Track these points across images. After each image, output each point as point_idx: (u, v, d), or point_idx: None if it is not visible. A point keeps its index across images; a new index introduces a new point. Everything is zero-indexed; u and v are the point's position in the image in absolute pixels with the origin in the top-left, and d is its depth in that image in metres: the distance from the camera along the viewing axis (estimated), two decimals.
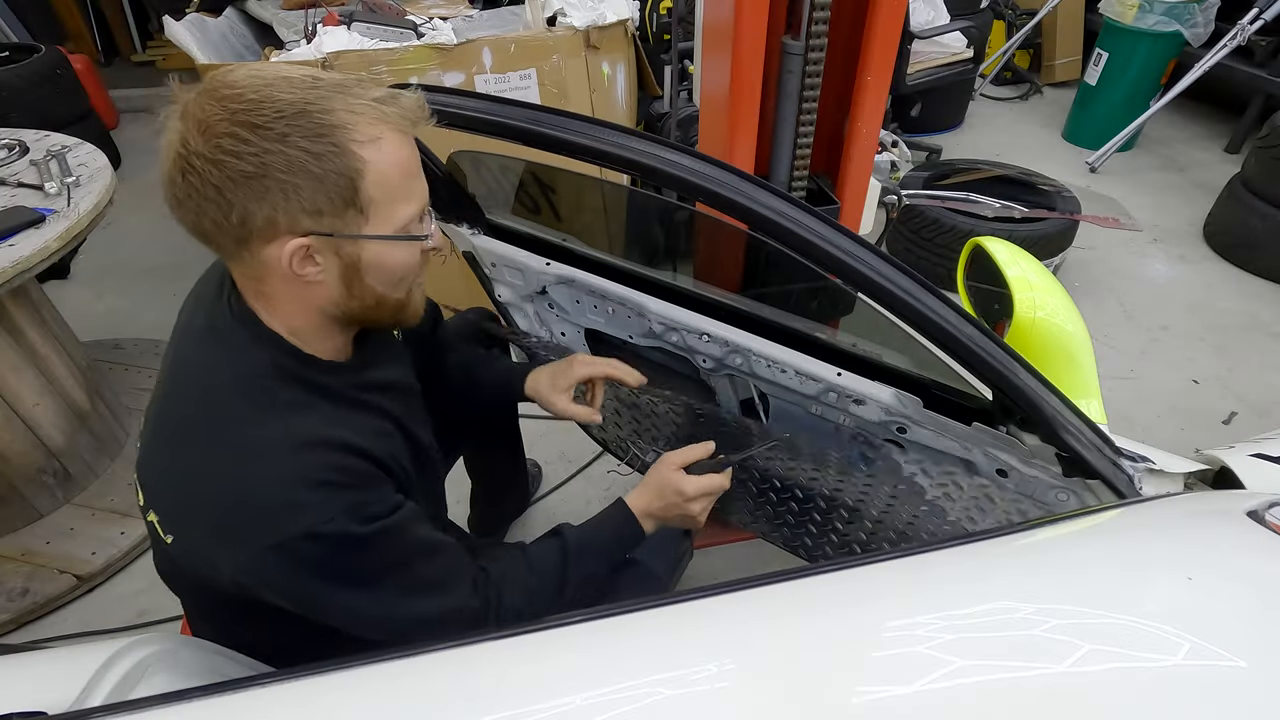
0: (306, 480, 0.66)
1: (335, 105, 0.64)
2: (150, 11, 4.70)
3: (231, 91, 0.62)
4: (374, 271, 0.71)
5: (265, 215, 0.64)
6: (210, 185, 0.62)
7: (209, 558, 0.70)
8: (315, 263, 0.68)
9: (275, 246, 0.66)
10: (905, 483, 1.11)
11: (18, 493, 1.72)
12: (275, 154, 0.61)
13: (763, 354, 1.09)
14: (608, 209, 1.43)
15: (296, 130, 0.62)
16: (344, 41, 1.87)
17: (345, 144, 0.64)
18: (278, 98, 0.62)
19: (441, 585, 0.77)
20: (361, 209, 0.67)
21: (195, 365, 0.74)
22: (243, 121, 0.61)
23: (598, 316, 1.30)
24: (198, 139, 0.61)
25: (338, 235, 0.67)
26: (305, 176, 0.63)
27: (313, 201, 0.64)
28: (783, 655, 0.53)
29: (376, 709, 0.49)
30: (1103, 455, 0.85)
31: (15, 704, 0.63)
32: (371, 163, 0.65)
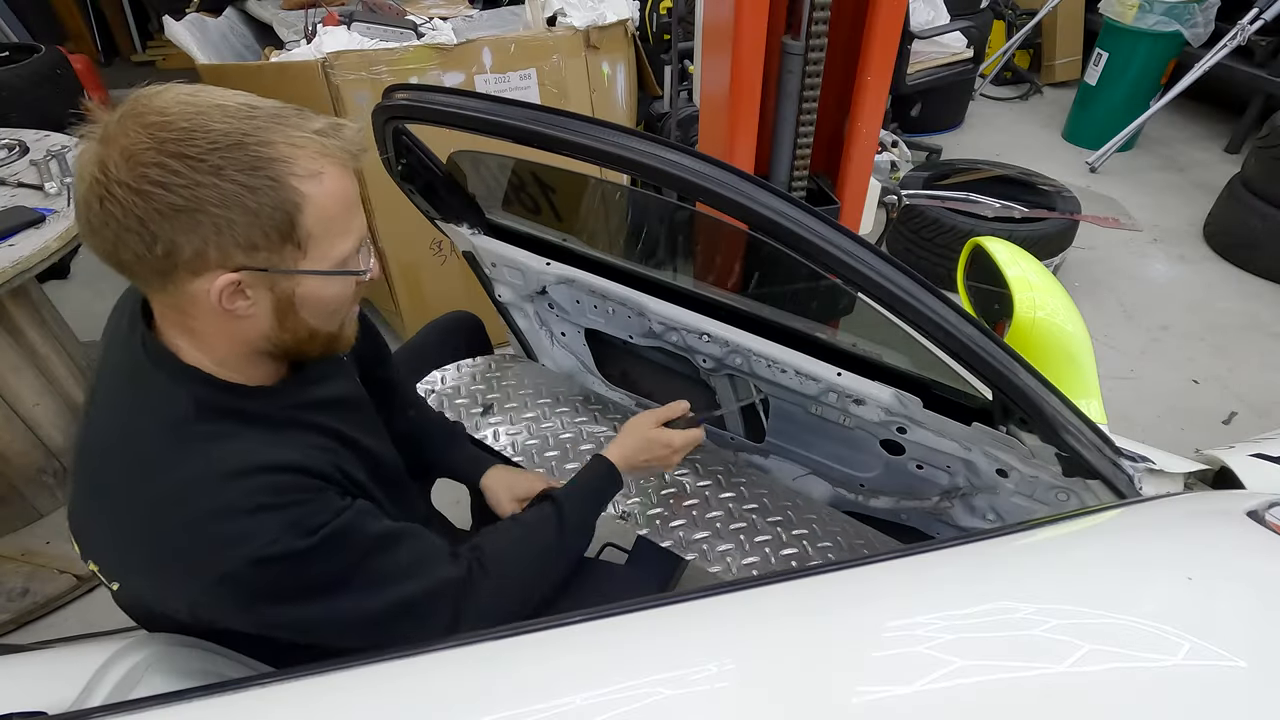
0: (240, 508, 0.64)
1: (274, 138, 0.61)
2: (150, 11, 4.70)
3: (160, 118, 0.58)
4: (308, 306, 0.69)
5: (194, 249, 0.60)
6: (133, 216, 0.58)
7: (161, 600, 0.69)
8: (246, 297, 0.65)
9: (203, 280, 0.62)
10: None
11: (18, 493, 1.72)
12: (208, 187, 0.58)
13: (763, 354, 1.09)
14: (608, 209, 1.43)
15: (231, 163, 0.59)
16: (344, 41, 1.87)
17: (284, 178, 0.61)
18: (211, 127, 0.59)
19: (412, 568, 0.75)
20: (299, 244, 0.64)
21: (113, 412, 0.71)
22: (173, 152, 0.57)
23: (598, 316, 1.30)
24: (120, 167, 0.57)
25: (272, 270, 0.64)
26: (240, 211, 0.60)
27: (247, 236, 0.61)
28: (783, 655, 0.53)
29: (376, 709, 0.49)
30: (1103, 455, 0.85)
31: (15, 704, 0.63)
32: (311, 197, 0.63)
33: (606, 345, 1.38)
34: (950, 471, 1.08)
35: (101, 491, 0.68)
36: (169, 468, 0.65)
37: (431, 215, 1.23)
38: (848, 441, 1.17)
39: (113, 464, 0.68)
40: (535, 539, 0.89)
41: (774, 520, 1.15)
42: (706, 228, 1.38)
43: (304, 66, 1.83)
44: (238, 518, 0.63)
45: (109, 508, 0.68)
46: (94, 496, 0.69)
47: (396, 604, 0.72)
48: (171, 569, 0.65)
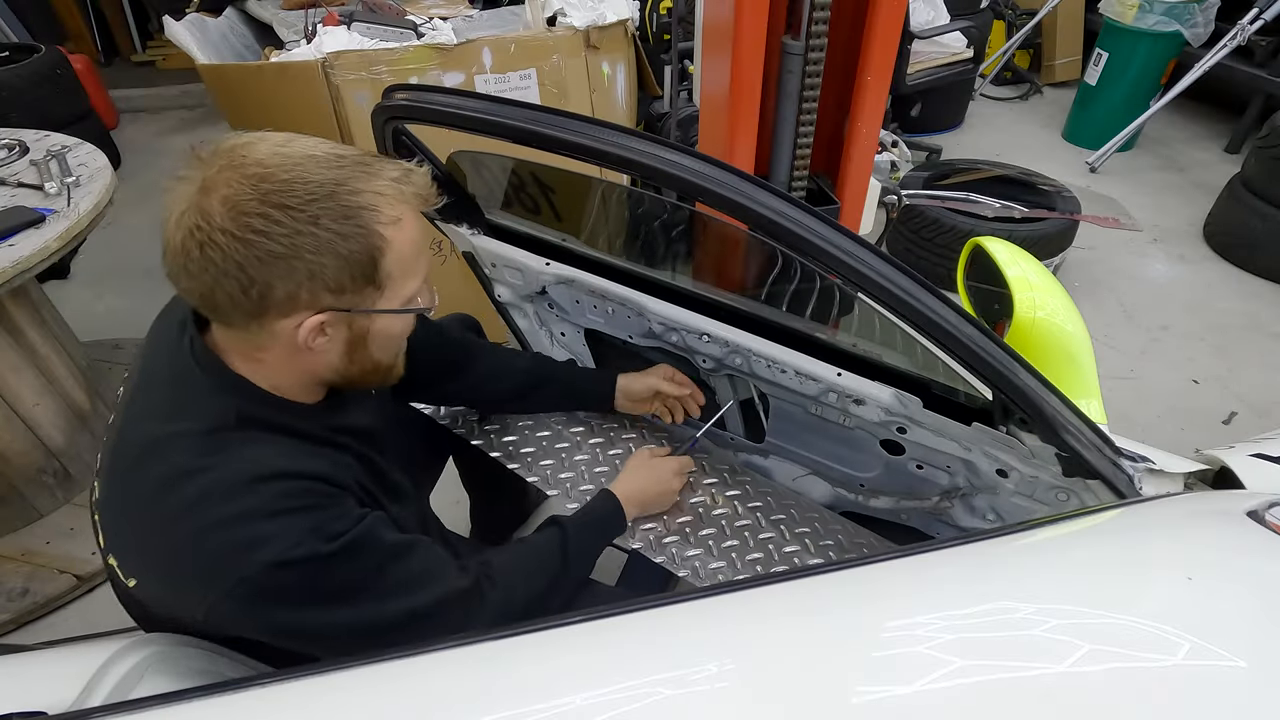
0: (264, 511, 0.66)
1: (361, 186, 0.66)
2: (150, 11, 4.70)
3: (261, 170, 0.62)
4: (378, 341, 0.75)
5: (287, 292, 0.65)
6: (232, 261, 0.62)
7: (179, 602, 0.69)
8: (325, 334, 0.70)
9: (291, 320, 0.67)
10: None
11: (18, 493, 1.72)
12: (306, 235, 0.63)
13: (762, 354, 1.09)
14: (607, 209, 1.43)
15: (326, 212, 0.64)
16: (344, 41, 1.87)
17: (371, 225, 0.66)
18: (308, 179, 0.63)
19: (423, 577, 0.77)
20: (379, 285, 0.70)
21: (152, 413, 0.72)
22: (275, 203, 0.62)
23: (597, 316, 1.30)
24: (223, 216, 0.61)
25: (354, 310, 0.70)
26: (333, 256, 0.65)
27: (337, 280, 0.66)
28: (783, 655, 0.53)
29: (376, 709, 0.49)
30: (1103, 455, 0.85)
31: (15, 704, 0.63)
32: (392, 241, 0.68)
33: (606, 345, 1.38)
34: (950, 471, 1.08)
35: (131, 489, 0.70)
36: (199, 472, 0.67)
37: (431, 215, 1.23)
38: (848, 441, 1.17)
39: (146, 464, 0.69)
40: (540, 562, 0.92)
41: (774, 519, 1.15)
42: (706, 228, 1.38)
43: (304, 66, 1.83)
44: (261, 521, 0.65)
45: (137, 506, 0.69)
46: (124, 493, 0.71)
47: (407, 613, 0.74)
48: (193, 570, 0.66)
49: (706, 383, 1.30)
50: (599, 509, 1.06)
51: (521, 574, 0.88)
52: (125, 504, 0.71)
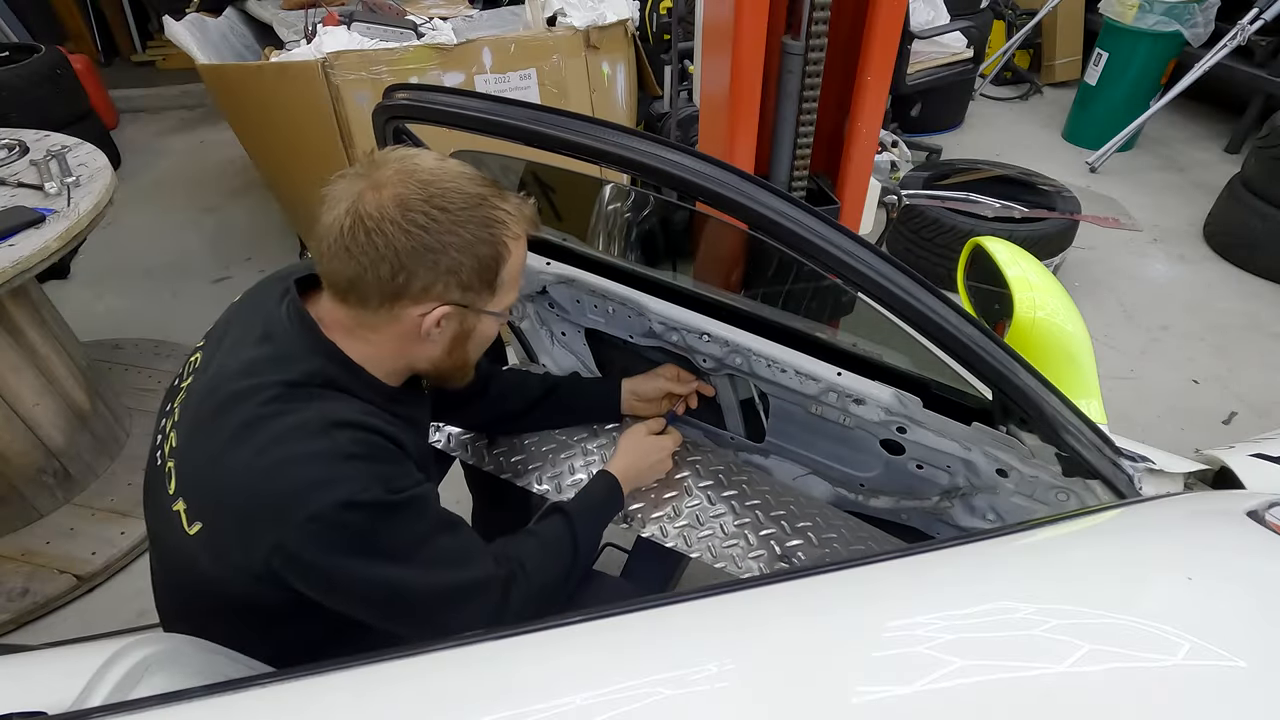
0: (340, 454, 0.71)
1: (500, 204, 0.76)
2: (150, 11, 4.70)
3: (430, 177, 0.73)
4: (475, 340, 0.85)
5: (426, 282, 0.74)
6: (392, 248, 0.71)
7: (241, 542, 0.72)
8: (441, 326, 0.78)
9: (420, 308, 0.76)
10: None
11: (18, 493, 1.72)
12: (455, 234, 0.73)
13: (763, 354, 1.09)
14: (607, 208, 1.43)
15: (474, 219, 0.74)
16: (344, 41, 1.87)
17: (502, 236, 0.76)
18: (464, 190, 0.74)
19: (465, 557, 0.81)
20: (494, 289, 0.79)
21: (246, 365, 0.77)
22: (438, 204, 0.72)
23: (598, 316, 1.30)
24: (394, 209, 0.71)
25: (472, 308, 0.79)
26: (471, 257, 0.75)
27: (469, 279, 0.76)
28: (783, 655, 0.53)
29: (376, 709, 0.49)
30: (1103, 455, 0.85)
31: (15, 704, 0.63)
32: (513, 255, 0.79)
33: (607, 345, 1.38)
34: (950, 471, 1.08)
35: (215, 432, 0.74)
36: (279, 415, 0.73)
37: None
38: (848, 441, 1.17)
39: (232, 409, 0.74)
40: (554, 551, 0.95)
41: (777, 514, 1.15)
42: (706, 228, 1.38)
43: (304, 66, 1.83)
44: (336, 462, 0.71)
45: (218, 446, 0.73)
46: (206, 437, 0.75)
47: (447, 586, 0.78)
48: (267, 504, 0.70)
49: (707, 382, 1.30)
50: (599, 490, 1.08)
51: (540, 564, 0.90)
52: (207, 446, 0.75)
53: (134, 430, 2.03)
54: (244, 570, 0.72)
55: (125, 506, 1.82)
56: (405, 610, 0.76)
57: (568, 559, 0.95)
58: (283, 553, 0.70)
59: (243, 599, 0.75)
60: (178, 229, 3.10)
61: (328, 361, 0.77)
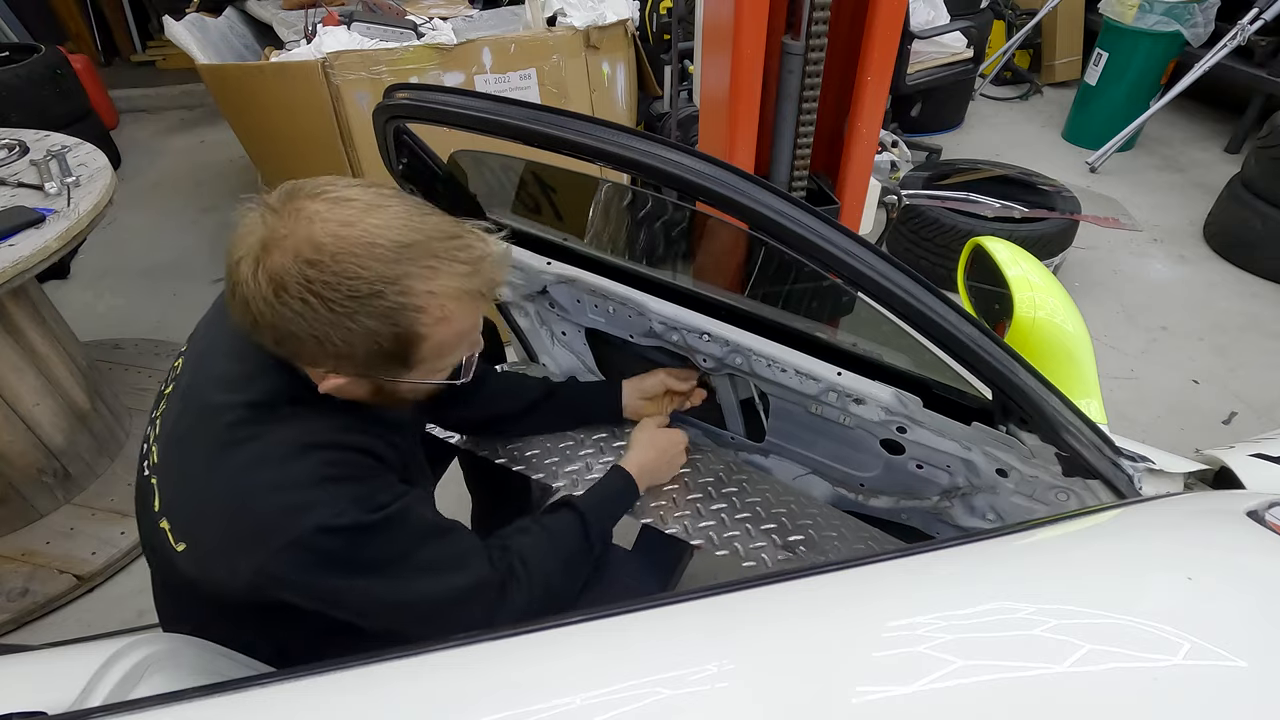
0: (311, 479, 0.69)
1: (415, 285, 0.65)
2: (150, 11, 4.70)
3: (314, 255, 0.62)
4: (404, 392, 0.76)
5: (313, 358, 0.68)
6: (267, 322, 0.65)
7: (225, 564, 0.71)
8: (351, 387, 0.72)
9: (315, 373, 0.71)
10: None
11: (18, 493, 1.72)
12: (338, 327, 0.64)
13: (763, 353, 1.09)
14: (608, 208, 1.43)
15: (366, 310, 0.64)
16: (344, 41, 1.87)
17: (412, 326, 0.67)
18: (359, 274, 0.63)
19: (456, 562, 0.79)
20: (409, 366, 0.71)
21: (216, 381, 0.75)
22: (316, 293, 0.62)
23: (598, 316, 1.29)
24: (267, 286, 0.63)
25: (379, 379, 0.72)
26: (363, 348, 0.66)
27: (364, 362, 0.68)
28: (783, 655, 0.53)
29: (376, 709, 0.49)
30: (1103, 455, 0.85)
31: (15, 704, 0.63)
32: (431, 337, 0.69)
33: (607, 345, 1.38)
34: (950, 471, 1.08)
35: (189, 453, 0.73)
36: (253, 438, 0.70)
37: None
38: (848, 441, 1.17)
39: (204, 429, 0.72)
40: (562, 547, 0.92)
41: (777, 512, 1.15)
42: (707, 227, 1.38)
43: (304, 66, 1.83)
44: (310, 487, 0.69)
45: (193, 469, 0.73)
46: (181, 457, 0.75)
47: (441, 593, 0.76)
48: (244, 531, 0.69)
49: (707, 382, 1.30)
50: (613, 486, 1.06)
51: (544, 562, 0.88)
52: (182, 467, 0.74)
53: (134, 430, 2.03)
54: (233, 585, 0.72)
55: (125, 506, 1.82)
56: (399, 618, 0.76)
57: (577, 555, 0.93)
58: (266, 575, 0.70)
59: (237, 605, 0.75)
60: (178, 229, 3.10)
61: (291, 379, 0.74)
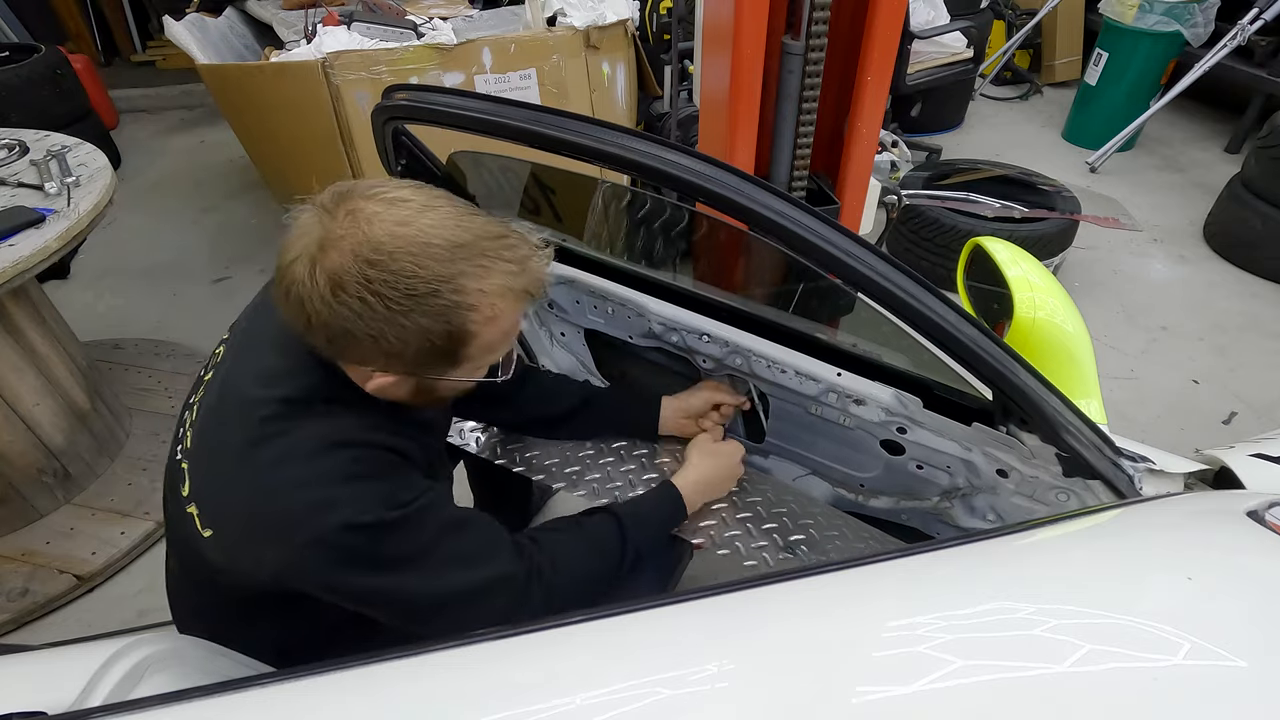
0: (337, 476, 0.70)
1: (468, 284, 0.66)
2: (150, 11, 4.70)
3: (374, 255, 0.63)
4: (446, 390, 0.78)
5: (363, 356, 0.69)
6: (322, 322, 0.66)
7: (250, 554, 0.72)
8: (396, 385, 0.73)
9: (362, 371, 0.72)
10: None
11: (18, 493, 1.72)
12: (393, 325, 0.65)
13: (763, 354, 1.09)
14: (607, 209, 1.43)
15: (421, 308, 0.65)
16: (344, 41, 1.87)
17: (463, 324, 0.68)
18: (417, 273, 0.64)
19: (482, 556, 0.79)
20: (456, 364, 0.73)
21: (254, 372, 0.76)
22: (374, 291, 0.64)
23: (598, 317, 1.30)
24: (325, 285, 0.64)
25: (426, 378, 0.74)
26: (415, 346, 0.68)
27: (414, 360, 0.69)
28: (783, 655, 0.53)
29: (377, 709, 0.49)
30: (1103, 455, 0.85)
31: (15, 704, 0.63)
32: (480, 335, 0.70)
33: (606, 346, 1.38)
34: (950, 472, 1.08)
35: (222, 442, 0.74)
36: (282, 434, 0.71)
37: None
38: (848, 442, 1.17)
39: (238, 420, 0.74)
40: (594, 557, 0.91)
41: (778, 512, 1.15)
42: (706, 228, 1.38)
43: (304, 66, 1.83)
44: (336, 484, 0.70)
45: (224, 459, 0.74)
46: (214, 446, 0.76)
47: (463, 587, 0.76)
48: (270, 525, 0.70)
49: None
50: (658, 501, 1.03)
51: (572, 567, 0.88)
52: (214, 456, 0.75)
53: (134, 430, 2.03)
54: (258, 575, 0.73)
55: (125, 506, 1.82)
56: (419, 613, 0.76)
57: (611, 564, 0.92)
58: (290, 569, 0.71)
59: (259, 594, 0.76)
60: (178, 229, 3.10)
61: (328, 377, 0.75)
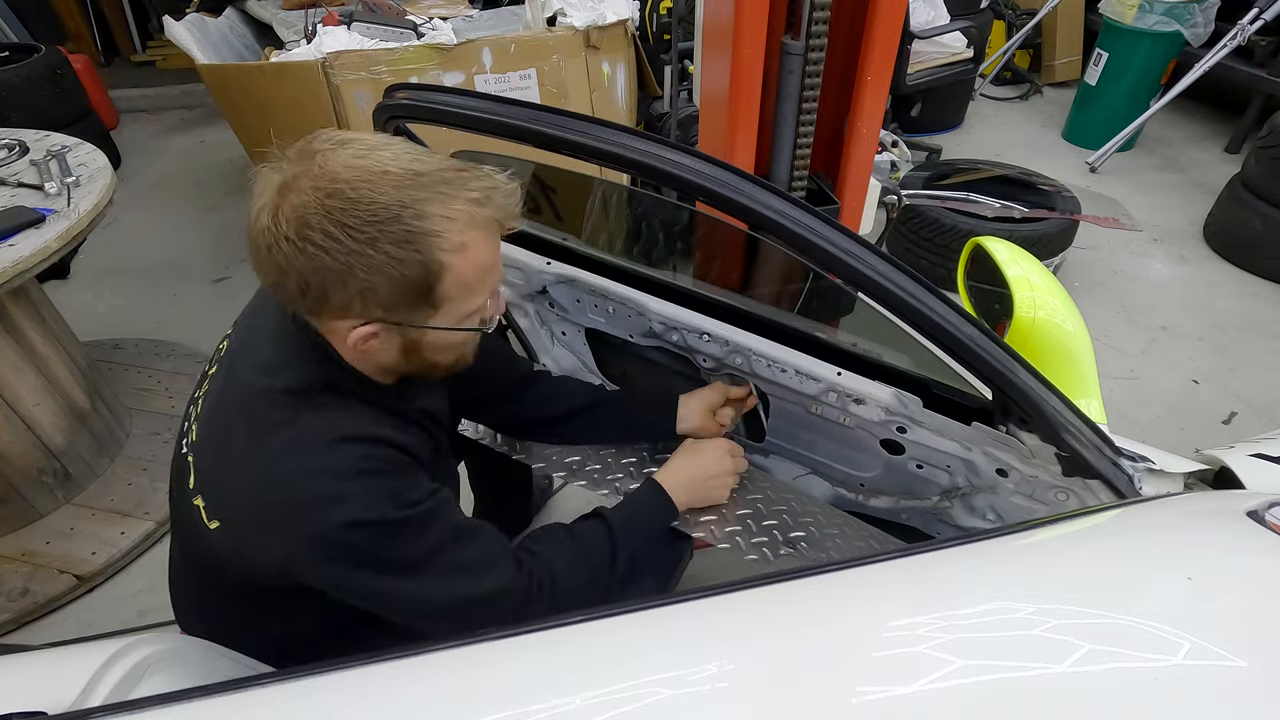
0: (346, 471, 0.70)
1: (431, 209, 0.66)
2: (150, 11, 4.70)
3: (330, 184, 0.63)
4: (434, 349, 0.76)
5: (341, 301, 0.67)
6: (293, 267, 0.65)
7: (255, 545, 0.72)
8: (379, 339, 0.72)
9: (345, 323, 0.70)
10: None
11: (18, 493, 1.72)
12: (361, 255, 0.64)
13: (763, 353, 1.09)
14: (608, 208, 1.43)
15: (386, 235, 0.64)
16: (344, 41, 1.87)
17: (431, 251, 0.66)
18: (375, 199, 0.64)
19: (483, 566, 0.79)
20: (434, 305, 0.71)
21: (257, 364, 0.76)
22: (336, 220, 0.63)
23: (598, 316, 1.30)
24: (289, 224, 0.64)
25: (408, 324, 0.71)
26: (386, 279, 0.66)
27: (389, 299, 0.68)
28: (783, 655, 0.53)
29: (377, 709, 0.49)
30: (1103, 455, 0.85)
31: (15, 704, 0.63)
32: (453, 267, 0.68)
33: (607, 345, 1.38)
34: (950, 471, 1.08)
35: (228, 434, 0.74)
36: (289, 425, 0.71)
37: None
38: (848, 441, 1.17)
39: (243, 412, 0.74)
40: (588, 567, 0.91)
41: (778, 509, 1.15)
42: (707, 227, 1.38)
43: (304, 66, 1.83)
44: (342, 479, 0.69)
45: (230, 451, 0.74)
46: (221, 438, 0.75)
47: (463, 596, 0.76)
48: (275, 518, 0.70)
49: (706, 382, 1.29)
50: (644, 500, 1.02)
51: (570, 577, 0.87)
52: (220, 448, 0.75)
53: (134, 430, 2.03)
54: (262, 566, 0.73)
55: (125, 506, 1.82)
56: (419, 616, 0.76)
57: (605, 572, 0.91)
58: (294, 561, 0.71)
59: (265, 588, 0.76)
60: (178, 229, 3.10)
61: (325, 364, 0.75)
